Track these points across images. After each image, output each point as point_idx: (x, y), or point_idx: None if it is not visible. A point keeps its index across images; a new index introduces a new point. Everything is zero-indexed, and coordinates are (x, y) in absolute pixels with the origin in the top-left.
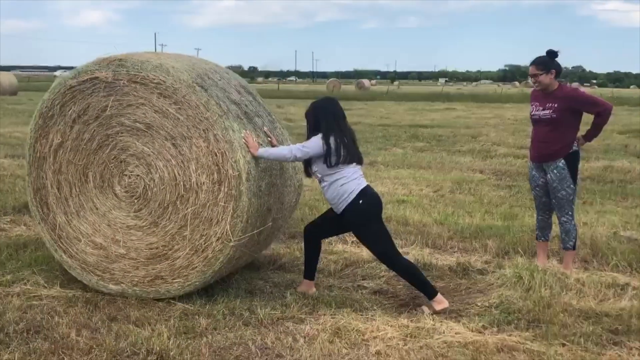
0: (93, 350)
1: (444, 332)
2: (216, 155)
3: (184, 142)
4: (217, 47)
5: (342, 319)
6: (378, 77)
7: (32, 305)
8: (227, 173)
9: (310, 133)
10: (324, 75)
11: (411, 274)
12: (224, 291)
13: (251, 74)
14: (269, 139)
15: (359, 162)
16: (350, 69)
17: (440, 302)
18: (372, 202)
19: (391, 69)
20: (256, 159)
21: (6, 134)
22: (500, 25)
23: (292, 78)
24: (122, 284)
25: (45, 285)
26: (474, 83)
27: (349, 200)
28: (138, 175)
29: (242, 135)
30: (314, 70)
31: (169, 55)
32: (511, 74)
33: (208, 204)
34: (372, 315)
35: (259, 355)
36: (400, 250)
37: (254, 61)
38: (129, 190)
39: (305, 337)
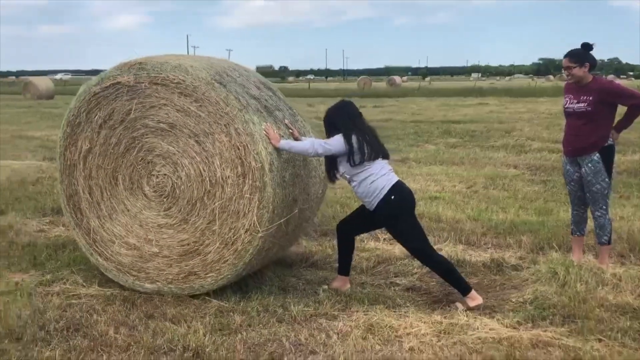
0: (131, 347)
1: (477, 328)
2: (238, 148)
3: (207, 138)
4: (248, 48)
5: (375, 315)
6: (409, 73)
7: (71, 303)
8: (250, 165)
9: (329, 136)
10: (355, 73)
11: (445, 269)
12: (257, 288)
13: (282, 73)
14: (291, 131)
15: (385, 156)
16: (381, 66)
17: (474, 298)
18: (404, 197)
19: (423, 65)
20: (278, 150)
21: (43, 137)
22: (534, 18)
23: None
24: (157, 283)
25: (84, 284)
26: (507, 77)
27: (381, 197)
28: (165, 175)
29: (263, 127)
30: (345, 68)
31: (187, 56)
32: (545, 68)
33: (234, 197)
34: (405, 312)
35: (293, 351)
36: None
37: (284, 61)
38: (158, 190)
39: (338, 334)
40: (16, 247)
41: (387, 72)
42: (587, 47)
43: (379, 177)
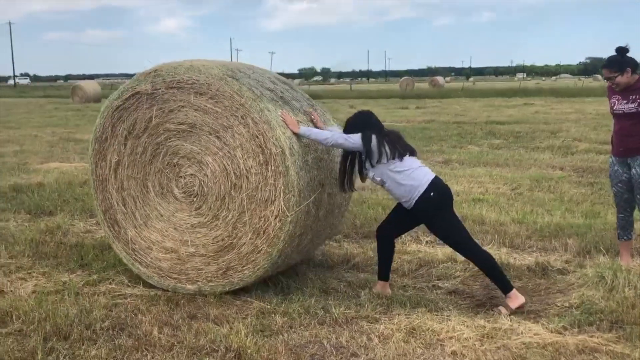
0: (174, 347)
1: (522, 333)
2: (257, 137)
3: (227, 132)
4: (290, 50)
5: (417, 318)
6: (453, 73)
7: (117, 303)
8: (271, 152)
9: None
10: (397, 74)
11: (489, 265)
12: (299, 290)
13: (324, 75)
14: (312, 117)
15: (412, 153)
16: (424, 66)
17: (516, 297)
18: (443, 192)
19: (466, 65)
20: (297, 136)
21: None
22: (580, 17)
23: (360, 78)
24: (197, 282)
25: (129, 284)
26: (553, 77)
27: (420, 194)
28: (192, 174)
29: (279, 114)
30: (387, 69)
31: (201, 59)
32: (592, 67)
33: (259, 186)
34: (447, 316)
35: (334, 353)
36: None
37: (326, 62)
38: (187, 191)
39: (379, 337)
40: (64, 248)
41: (430, 72)
42: (623, 50)
43: (412, 174)
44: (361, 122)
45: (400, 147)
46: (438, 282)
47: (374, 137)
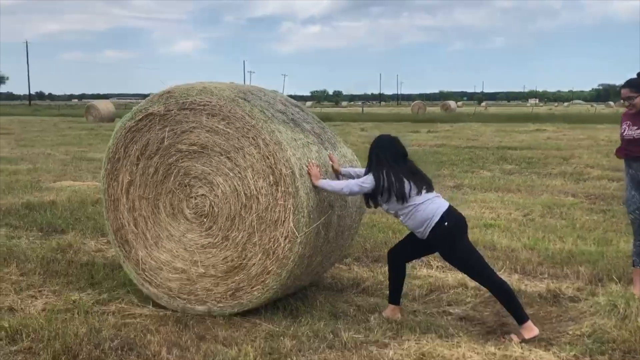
0: None
1: None
2: (268, 158)
3: (238, 153)
4: (303, 73)
5: (427, 344)
6: (465, 98)
7: (126, 323)
8: (281, 172)
9: (368, 165)
10: (409, 98)
11: (505, 292)
12: (308, 313)
13: (336, 97)
14: (332, 162)
15: (429, 189)
16: (436, 90)
17: (531, 329)
18: (457, 222)
19: (478, 90)
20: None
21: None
22: (593, 43)
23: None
24: (207, 303)
25: (139, 304)
26: (566, 103)
27: (433, 225)
28: (203, 195)
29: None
30: (399, 92)
31: (212, 82)
32: (605, 94)
33: (269, 207)
34: (457, 342)
35: None
36: None
37: (339, 85)
38: (197, 211)
39: None
40: (75, 266)
41: (441, 97)
42: None
43: (426, 205)
44: (382, 154)
45: (415, 186)
46: (448, 307)
47: (386, 178)
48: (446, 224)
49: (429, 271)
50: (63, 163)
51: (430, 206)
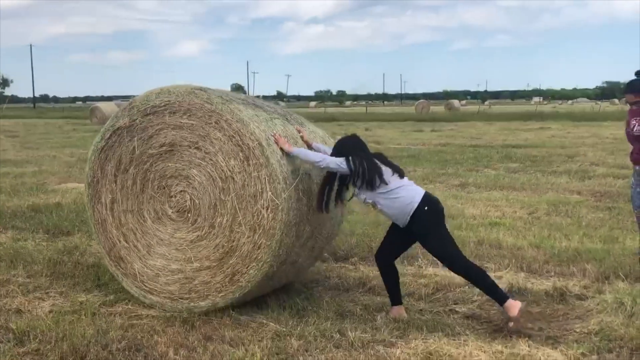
0: None
1: (540, 359)
2: (234, 137)
3: (205, 141)
4: (306, 73)
5: (434, 343)
6: (468, 97)
7: (133, 324)
8: (249, 147)
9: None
10: (413, 97)
11: (480, 277)
12: (314, 313)
13: (339, 97)
14: (300, 133)
15: (401, 175)
16: (440, 89)
17: (513, 305)
18: (435, 207)
19: (482, 89)
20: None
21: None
22: (598, 41)
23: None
24: (209, 297)
25: (145, 305)
26: (570, 101)
27: (413, 209)
28: (182, 191)
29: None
30: (402, 92)
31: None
32: (610, 91)
33: (245, 183)
34: (464, 341)
35: None
36: (493, 274)
37: (342, 85)
38: (180, 209)
39: None
40: (81, 268)
41: (445, 96)
42: None
43: (403, 191)
44: (350, 147)
45: (389, 170)
46: (455, 306)
47: (364, 162)
48: (426, 208)
49: (435, 270)
50: (68, 165)
51: (408, 192)
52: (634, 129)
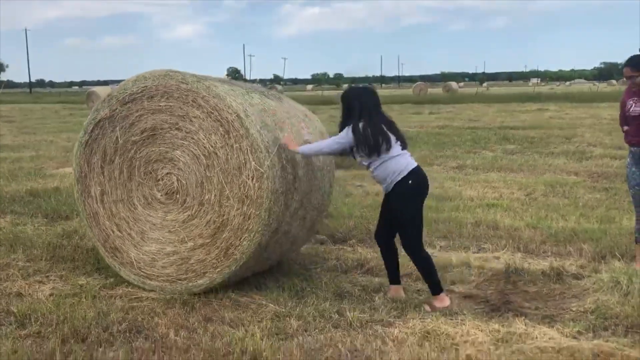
0: (190, 349)
1: (536, 337)
2: (212, 112)
3: (185, 121)
4: (303, 55)
5: (431, 322)
6: (466, 79)
7: (133, 306)
8: (227, 120)
9: (343, 120)
10: (410, 80)
11: (428, 266)
12: (313, 294)
13: (337, 80)
14: (305, 138)
15: (403, 146)
16: (437, 72)
17: (443, 299)
18: (420, 182)
19: (480, 71)
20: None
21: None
22: (595, 23)
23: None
24: (206, 274)
25: (145, 288)
26: (568, 82)
27: (399, 179)
28: (168, 173)
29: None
30: (400, 74)
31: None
32: (607, 72)
33: (229, 157)
34: (462, 320)
35: (349, 357)
36: (490, 255)
37: (339, 68)
38: (168, 191)
39: (394, 341)
40: (81, 251)
41: (443, 78)
42: None
43: (397, 159)
44: (359, 103)
45: (393, 138)
46: (452, 286)
47: (362, 129)
48: (410, 182)
49: (432, 251)
50: (65, 150)
51: (402, 160)
52: (631, 109)
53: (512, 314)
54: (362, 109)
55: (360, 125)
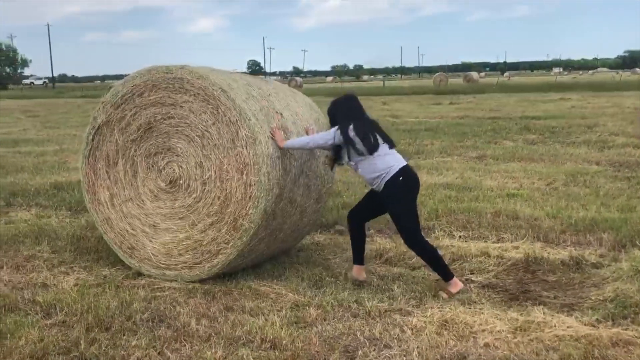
0: (212, 337)
1: (555, 326)
2: (198, 93)
3: (175, 108)
4: (323, 47)
5: (450, 311)
6: (487, 69)
7: (156, 296)
8: (213, 96)
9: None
10: (431, 70)
11: (432, 256)
12: (332, 283)
13: (357, 72)
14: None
15: (391, 145)
16: (458, 62)
17: (456, 284)
18: (411, 180)
19: (501, 60)
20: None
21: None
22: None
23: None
24: (220, 252)
25: (167, 278)
26: (590, 71)
27: (389, 177)
28: (168, 162)
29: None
30: (420, 65)
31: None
32: (631, 60)
33: (220, 131)
34: (480, 309)
35: (367, 345)
36: (509, 245)
37: (359, 59)
38: (171, 179)
39: (412, 329)
40: (104, 243)
41: (464, 68)
42: None
43: (385, 158)
44: (344, 112)
45: (376, 140)
46: (471, 276)
47: (350, 131)
48: (401, 179)
49: (451, 241)
50: None
51: (389, 159)
52: None
53: (530, 303)
54: (349, 113)
55: (350, 126)
